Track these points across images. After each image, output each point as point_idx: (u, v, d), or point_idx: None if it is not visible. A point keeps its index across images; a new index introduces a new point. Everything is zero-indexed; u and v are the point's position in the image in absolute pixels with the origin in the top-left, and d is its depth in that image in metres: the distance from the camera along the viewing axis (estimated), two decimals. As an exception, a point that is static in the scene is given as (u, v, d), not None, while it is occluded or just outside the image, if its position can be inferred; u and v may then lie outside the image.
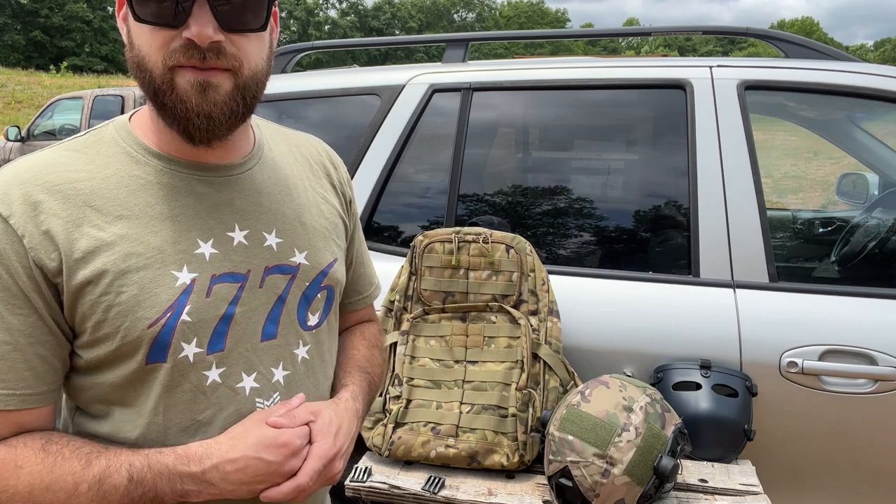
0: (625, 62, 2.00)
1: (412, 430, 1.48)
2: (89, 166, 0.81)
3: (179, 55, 0.75)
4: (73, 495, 0.75)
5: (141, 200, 0.81)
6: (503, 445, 1.45)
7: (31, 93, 19.36)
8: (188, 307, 0.80)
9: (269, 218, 0.89)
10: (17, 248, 0.74)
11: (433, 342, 1.60)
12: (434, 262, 1.63)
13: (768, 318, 1.66)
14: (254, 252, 0.86)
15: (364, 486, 1.40)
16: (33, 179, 0.78)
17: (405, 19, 66.69)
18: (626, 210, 2.01)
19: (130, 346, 0.78)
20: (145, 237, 0.80)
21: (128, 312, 0.77)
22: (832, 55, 1.95)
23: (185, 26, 0.75)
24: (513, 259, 1.61)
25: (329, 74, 2.21)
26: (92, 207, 0.78)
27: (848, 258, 2.34)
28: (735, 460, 1.55)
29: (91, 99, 8.60)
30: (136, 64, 0.78)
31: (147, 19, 0.75)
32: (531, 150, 2.20)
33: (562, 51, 19.51)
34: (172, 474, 0.77)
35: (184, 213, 0.82)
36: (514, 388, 1.50)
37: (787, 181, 9.89)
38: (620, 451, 1.25)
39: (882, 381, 1.58)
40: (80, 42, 42.13)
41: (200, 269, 0.82)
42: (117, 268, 0.77)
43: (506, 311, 1.59)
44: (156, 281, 0.79)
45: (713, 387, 1.57)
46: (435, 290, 1.63)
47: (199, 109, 0.77)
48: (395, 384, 1.57)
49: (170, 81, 0.76)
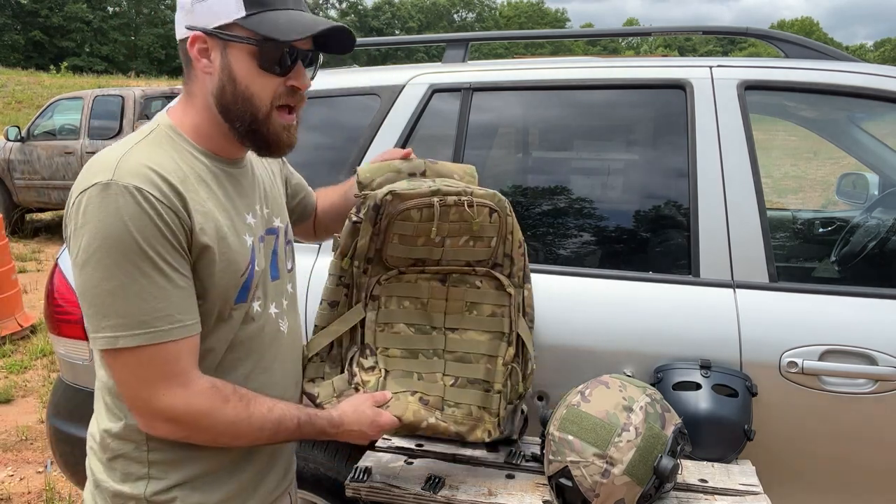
0: (625, 62, 2.00)
1: (399, 400, 1.34)
2: (174, 159, 1.06)
3: (285, 97, 1.09)
4: (259, 429, 1.08)
5: (208, 186, 1.09)
6: (485, 421, 1.38)
7: (31, 93, 19.35)
8: (256, 261, 1.14)
9: (261, 195, 1.23)
10: (174, 219, 1.00)
11: (407, 303, 1.39)
12: (408, 230, 1.33)
13: (768, 318, 1.66)
14: (261, 219, 1.20)
15: (364, 486, 1.40)
16: (159, 169, 1.01)
17: (405, 19, 66.68)
18: (626, 210, 2.01)
19: (230, 290, 1.09)
20: (218, 212, 1.08)
21: (227, 268, 1.07)
22: (832, 55, 1.95)
23: (289, 77, 1.08)
24: (494, 223, 1.38)
25: (329, 74, 2.21)
26: (189, 190, 1.04)
27: (848, 258, 2.34)
28: (735, 460, 1.55)
29: (91, 99, 8.58)
30: (241, 97, 1.06)
31: (269, 70, 1.06)
32: (531, 151, 2.20)
33: (562, 51, 19.52)
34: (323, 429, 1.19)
35: (232, 195, 1.14)
36: (501, 363, 1.39)
37: (787, 181, 9.89)
38: (620, 451, 1.25)
39: (882, 381, 1.58)
40: (80, 42, 42.12)
41: (252, 234, 1.15)
42: (218, 234, 1.06)
43: (492, 277, 1.41)
44: (240, 243, 1.11)
45: (713, 387, 1.57)
46: (403, 257, 1.37)
47: (288, 142, 1.14)
48: (367, 354, 1.37)
49: (268, 118, 1.08)
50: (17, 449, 3.41)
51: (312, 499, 1.89)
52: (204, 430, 1.05)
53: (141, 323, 0.98)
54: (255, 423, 1.08)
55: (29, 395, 4.06)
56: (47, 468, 3.17)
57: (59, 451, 2.10)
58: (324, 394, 1.35)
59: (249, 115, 1.07)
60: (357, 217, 1.34)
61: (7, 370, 4.41)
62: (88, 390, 1.83)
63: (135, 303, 0.98)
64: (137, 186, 0.97)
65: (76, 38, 41.92)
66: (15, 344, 4.86)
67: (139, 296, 0.98)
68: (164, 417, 1.02)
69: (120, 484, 1.09)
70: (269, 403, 1.11)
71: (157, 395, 1.01)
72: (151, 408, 1.02)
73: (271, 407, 1.11)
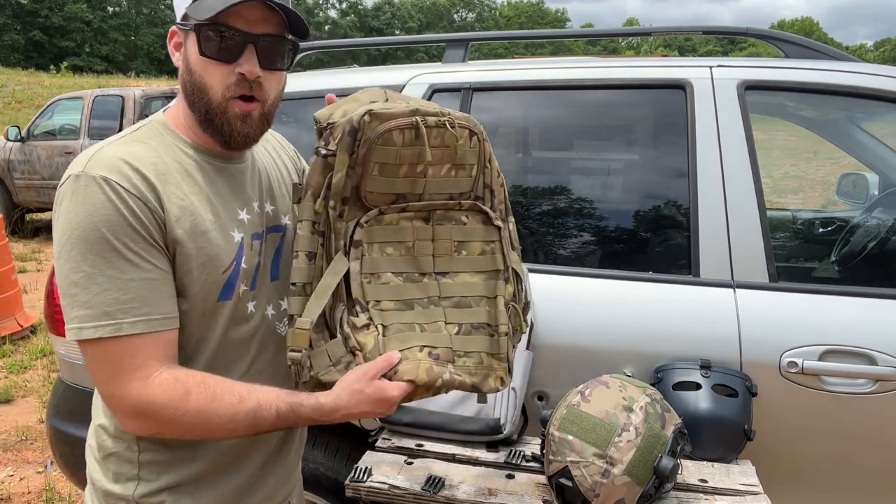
0: (625, 62, 2.00)
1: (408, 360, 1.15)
2: (158, 153, 1.05)
3: (234, 86, 1.03)
4: (232, 420, 1.02)
5: (194, 181, 1.07)
6: (496, 368, 1.23)
7: (31, 93, 19.36)
8: (243, 258, 1.10)
9: (266, 192, 1.20)
10: (145, 210, 0.98)
11: (390, 250, 1.19)
12: (390, 157, 1.12)
13: (768, 318, 1.66)
14: (263, 217, 1.17)
15: (364, 486, 1.40)
16: (133, 161, 1.00)
17: (405, 19, 66.66)
18: (626, 210, 2.01)
19: (211, 286, 1.05)
20: (203, 207, 1.06)
21: (207, 263, 1.05)
22: (832, 55, 1.95)
23: (237, 63, 1.02)
24: (474, 148, 1.22)
25: (329, 75, 2.20)
26: (170, 184, 1.03)
27: (848, 258, 2.34)
28: (735, 460, 1.55)
29: (91, 99, 8.57)
30: (194, 86, 1.04)
31: (211, 55, 1.02)
32: (531, 150, 2.20)
33: (562, 51, 19.52)
34: (311, 418, 1.06)
35: (223, 190, 1.11)
36: (503, 304, 1.24)
37: (787, 181, 9.89)
38: (620, 451, 1.25)
39: (882, 381, 1.58)
40: (80, 42, 42.13)
41: (244, 231, 1.12)
42: (197, 229, 1.04)
43: (478, 211, 1.25)
44: (225, 239, 1.08)
45: (713, 387, 1.57)
46: (384, 192, 1.15)
47: (241, 132, 1.06)
48: (356, 312, 1.15)
49: (223, 108, 1.04)
50: (17, 449, 3.41)
51: (312, 499, 1.89)
52: (169, 424, 1.01)
53: (104, 314, 0.97)
54: (224, 414, 1.01)
55: (29, 395, 4.06)
56: (47, 468, 3.17)
57: (59, 451, 2.10)
58: (318, 364, 1.12)
59: (204, 104, 1.04)
60: (327, 150, 1.12)
61: (7, 370, 4.40)
62: (88, 390, 1.83)
63: (99, 294, 0.96)
64: (104, 177, 0.96)
65: (76, 38, 41.92)
66: (15, 344, 4.86)
67: (104, 287, 0.96)
68: (128, 412, 1.00)
69: (111, 483, 1.09)
70: (242, 393, 1.03)
71: (119, 389, 0.99)
72: (115, 402, 1.01)
73: (244, 396, 1.02)
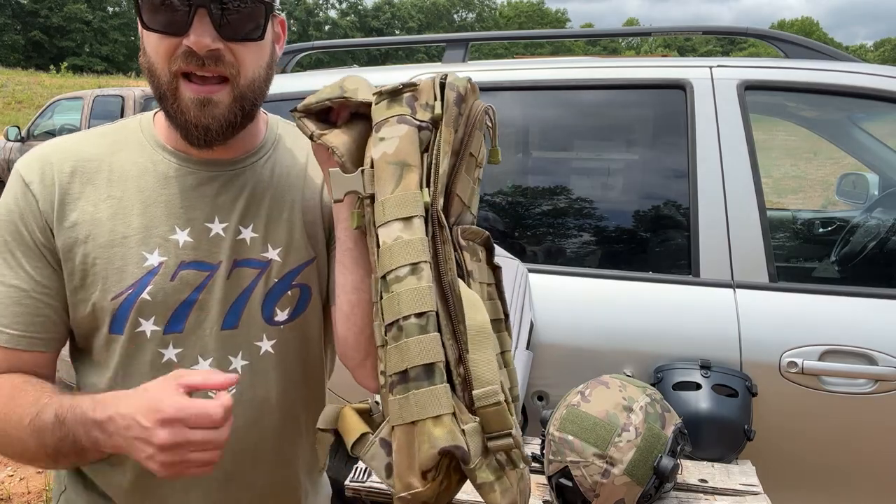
0: (624, 62, 2.00)
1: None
2: (102, 149, 0.91)
3: (180, 61, 0.81)
4: (19, 427, 0.82)
5: (137, 185, 0.89)
6: None
7: (31, 93, 19.37)
8: (150, 287, 0.87)
9: (248, 213, 0.93)
10: (34, 209, 0.86)
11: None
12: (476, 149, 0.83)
13: (768, 318, 1.66)
14: (227, 244, 0.91)
15: (364, 486, 1.40)
16: (52, 155, 0.89)
17: (405, 19, 66.67)
18: (626, 210, 2.01)
19: (98, 314, 0.87)
20: (130, 218, 0.88)
21: (98, 283, 0.86)
22: (832, 55, 1.95)
23: (185, 35, 0.80)
24: None
25: (329, 75, 2.21)
26: (92, 185, 0.88)
27: (848, 258, 2.34)
28: (735, 460, 1.55)
29: (91, 99, 8.58)
30: (146, 69, 0.85)
31: (154, 27, 0.81)
32: (531, 151, 2.20)
33: (562, 51, 19.51)
34: (86, 419, 0.78)
35: (171, 201, 0.89)
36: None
37: (787, 181, 9.89)
38: (620, 451, 1.25)
39: (882, 381, 1.58)
40: (80, 42, 42.13)
41: (170, 254, 0.88)
42: (95, 242, 0.86)
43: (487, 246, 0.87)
44: (126, 258, 0.87)
45: (713, 387, 1.57)
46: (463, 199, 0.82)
47: (196, 122, 0.84)
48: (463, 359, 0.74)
49: (174, 90, 0.83)
50: (17, 449, 3.41)
51: (312, 499, 1.89)
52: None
53: None
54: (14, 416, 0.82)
55: (29, 395, 4.06)
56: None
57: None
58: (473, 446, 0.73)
59: (156, 89, 0.84)
60: (419, 121, 0.77)
61: (7, 370, 4.41)
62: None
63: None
64: (19, 170, 0.88)
65: (76, 38, 41.92)
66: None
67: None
68: None
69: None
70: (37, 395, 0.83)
71: None
72: None
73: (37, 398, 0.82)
